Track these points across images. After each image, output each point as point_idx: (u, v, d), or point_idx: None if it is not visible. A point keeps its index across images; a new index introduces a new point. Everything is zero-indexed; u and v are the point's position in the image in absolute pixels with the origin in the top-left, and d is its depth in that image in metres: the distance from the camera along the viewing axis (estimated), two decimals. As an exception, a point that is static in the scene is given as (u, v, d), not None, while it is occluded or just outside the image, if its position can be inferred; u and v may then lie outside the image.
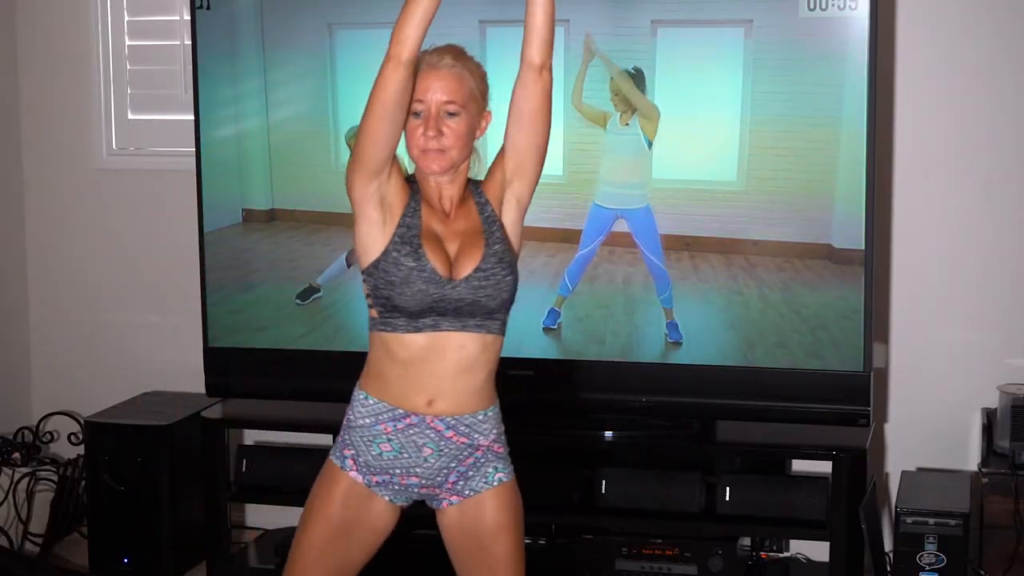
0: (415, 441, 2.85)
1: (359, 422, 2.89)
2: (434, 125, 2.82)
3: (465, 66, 2.92)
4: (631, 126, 4.22)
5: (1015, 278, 4.41)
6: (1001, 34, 4.34)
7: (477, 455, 2.87)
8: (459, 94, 2.85)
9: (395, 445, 2.86)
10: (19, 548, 4.50)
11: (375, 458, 2.86)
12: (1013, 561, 4.09)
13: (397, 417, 2.85)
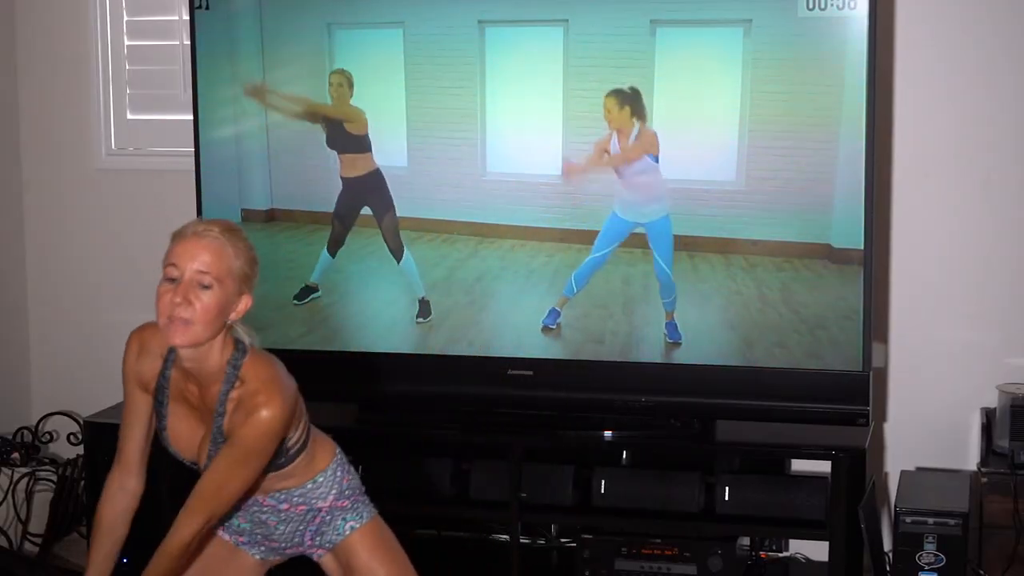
0: (259, 518, 3.00)
1: None
2: (183, 292, 2.74)
3: (232, 242, 2.80)
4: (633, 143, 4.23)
5: (1015, 278, 4.41)
6: (1001, 33, 4.34)
7: (323, 515, 2.98)
8: (216, 267, 2.75)
9: (248, 519, 3.02)
10: (18, 548, 4.50)
11: (236, 528, 3.04)
12: (1012, 561, 4.09)
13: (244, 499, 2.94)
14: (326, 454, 3.00)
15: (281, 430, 2.80)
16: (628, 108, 4.19)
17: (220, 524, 3.01)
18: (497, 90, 4.30)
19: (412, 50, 4.32)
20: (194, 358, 2.81)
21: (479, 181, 4.33)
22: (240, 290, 2.81)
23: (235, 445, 2.77)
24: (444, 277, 4.38)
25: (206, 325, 2.74)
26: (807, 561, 4.51)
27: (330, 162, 4.44)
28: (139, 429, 3.00)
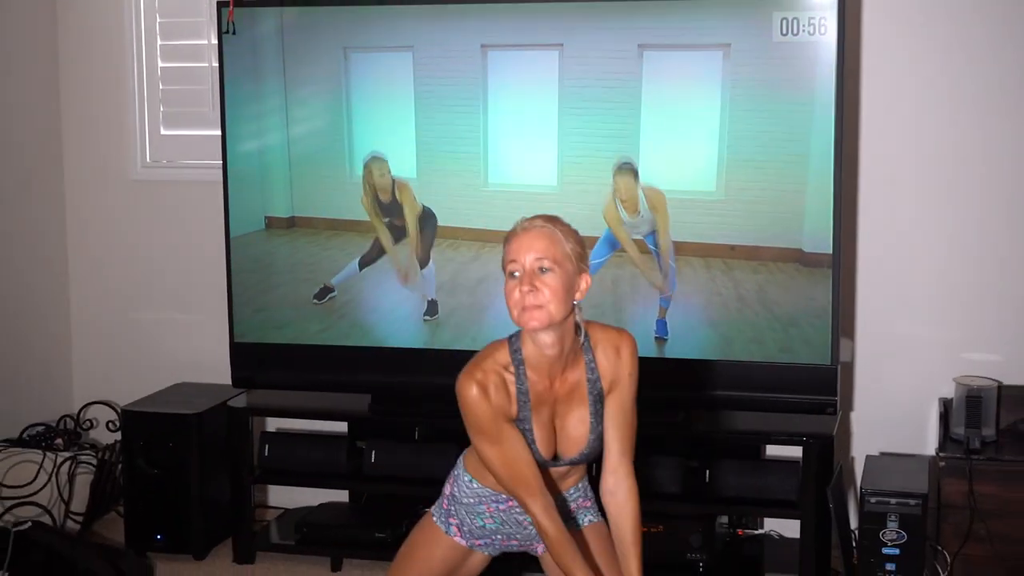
0: (516, 518, 2.92)
1: (464, 500, 2.95)
2: (528, 281, 2.69)
3: (556, 227, 2.76)
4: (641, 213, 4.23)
5: (970, 279, 4.41)
6: (959, 57, 4.34)
7: (566, 515, 2.92)
8: (551, 251, 2.71)
9: (496, 520, 2.94)
10: (61, 526, 4.50)
11: (478, 528, 2.95)
12: (967, 538, 4.09)
13: (500, 500, 2.91)
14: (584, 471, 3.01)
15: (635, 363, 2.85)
16: (631, 176, 4.19)
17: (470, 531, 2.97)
18: (498, 108, 4.31)
19: (420, 72, 4.32)
20: (554, 342, 2.75)
21: (481, 191, 4.33)
22: (579, 269, 2.75)
23: (623, 389, 2.83)
24: (449, 279, 4.38)
25: (557, 305, 2.69)
26: (780, 538, 4.51)
27: (347, 173, 4.44)
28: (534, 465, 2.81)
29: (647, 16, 4.18)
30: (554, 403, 2.83)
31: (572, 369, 2.82)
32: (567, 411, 2.85)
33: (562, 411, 2.85)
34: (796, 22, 4.02)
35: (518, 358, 2.78)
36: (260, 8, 4.49)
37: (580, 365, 2.82)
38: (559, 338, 2.75)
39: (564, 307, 2.70)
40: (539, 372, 2.79)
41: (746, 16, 4.08)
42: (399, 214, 4.40)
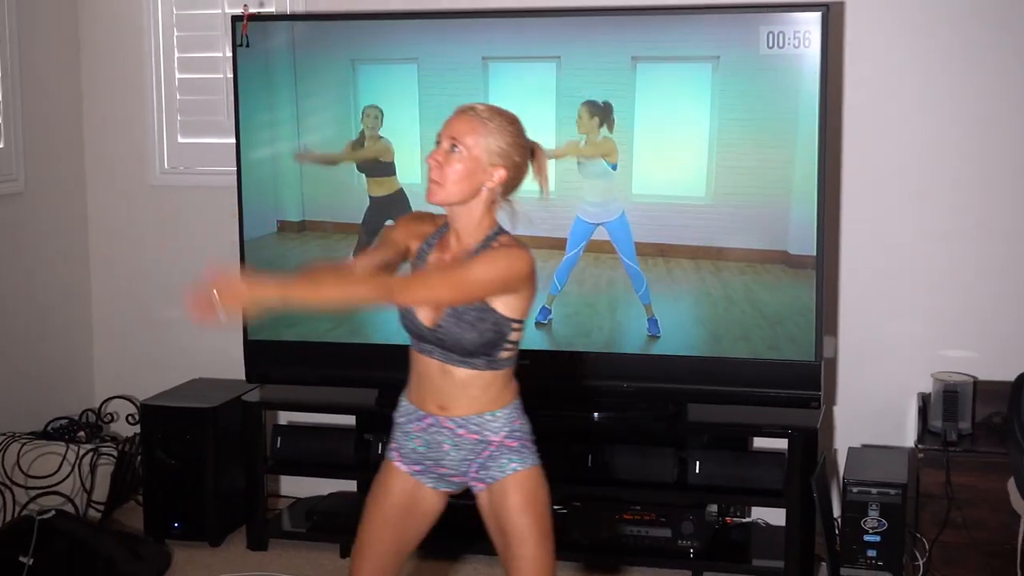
0: (435, 439, 2.85)
1: (398, 420, 2.92)
2: (434, 155, 2.72)
3: (491, 119, 2.74)
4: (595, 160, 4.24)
5: (947, 280, 4.42)
6: (935, 68, 4.35)
7: (492, 449, 2.83)
8: (468, 136, 2.71)
9: (424, 441, 2.87)
10: (83, 514, 4.51)
11: (412, 451, 2.89)
12: (945, 526, 4.10)
13: (420, 418, 2.87)
14: (510, 394, 2.85)
15: (512, 276, 2.69)
16: (597, 118, 4.21)
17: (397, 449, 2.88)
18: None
19: (425, 83, 4.33)
20: (453, 218, 2.77)
21: (483, 196, 4.34)
22: (493, 162, 2.72)
23: (472, 261, 2.69)
24: (452, 279, 4.39)
25: (453, 185, 2.69)
26: (767, 526, 4.51)
27: (355, 179, 4.46)
28: (378, 257, 2.84)
29: (640, 30, 4.19)
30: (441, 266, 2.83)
31: (460, 245, 2.79)
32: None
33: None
34: (782, 35, 4.03)
35: (445, 228, 2.84)
36: (272, 22, 4.52)
37: (476, 245, 2.78)
38: (459, 217, 2.76)
39: (459, 190, 2.71)
40: (447, 241, 2.82)
41: (734, 30, 4.09)
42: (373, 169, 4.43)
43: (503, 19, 4.32)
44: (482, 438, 2.82)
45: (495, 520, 2.85)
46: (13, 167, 4.79)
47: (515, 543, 2.82)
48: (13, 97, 4.75)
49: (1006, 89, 4.31)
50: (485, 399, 2.82)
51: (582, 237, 4.28)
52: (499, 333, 2.75)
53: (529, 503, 2.83)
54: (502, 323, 2.75)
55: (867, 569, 3.93)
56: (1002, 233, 4.37)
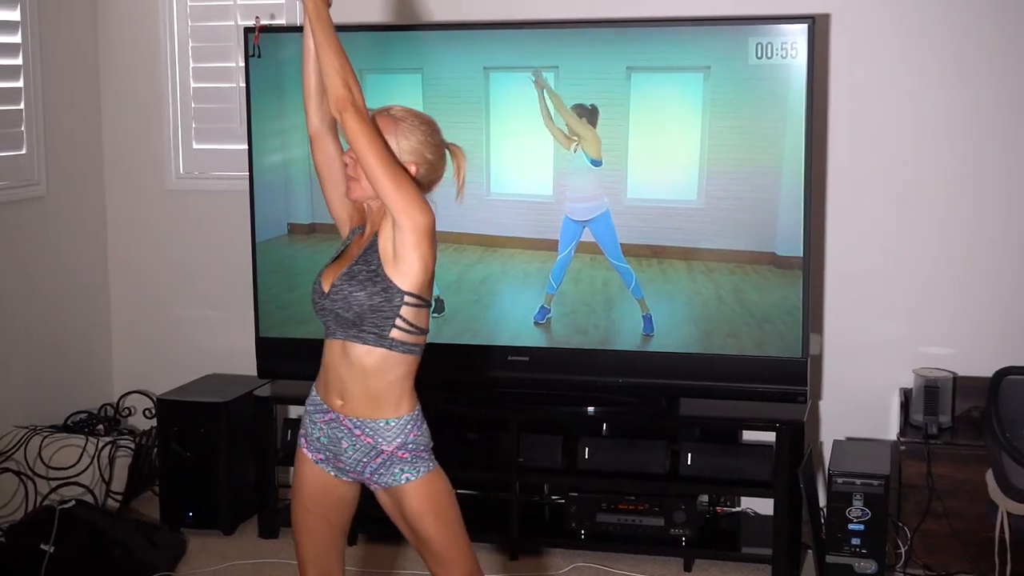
0: (336, 434, 2.82)
1: (308, 408, 2.91)
2: (348, 153, 2.75)
3: (404, 119, 2.78)
4: (577, 151, 4.23)
5: (927, 280, 4.42)
6: (916, 76, 4.36)
7: (383, 456, 2.79)
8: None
9: (327, 433, 2.84)
10: (102, 504, 4.51)
11: (316, 440, 2.87)
12: (926, 515, 4.10)
13: (324, 411, 2.85)
14: (407, 406, 2.80)
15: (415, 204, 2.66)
16: (584, 118, 4.21)
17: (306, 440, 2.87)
18: (499, 125, 4.32)
19: (429, 91, 4.33)
20: (370, 212, 2.81)
21: (484, 200, 4.34)
22: (404, 159, 2.74)
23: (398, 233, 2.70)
24: (455, 279, 4.39)
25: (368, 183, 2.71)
26: (755, 515, 4.51)
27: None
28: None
29: (635, 41, 4.19)
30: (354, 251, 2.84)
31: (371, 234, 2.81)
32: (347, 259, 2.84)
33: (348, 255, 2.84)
34: (770, 46, 4.03)
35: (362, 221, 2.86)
36: (283, 34, 4.51)
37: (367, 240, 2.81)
38: (375, 211, 2.78)
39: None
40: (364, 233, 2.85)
41: (724, 41, 4.09)
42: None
43: (503, 31, 4.32)
44: (375, 444, 2.78)
45: (399, 519, 2.86)
46: (35, 172, 4.79)
47: (423, 541, 2.83)
48: (35, 106, 4.75)
49: (984, 96, 4.31)
50: (381, 399, 2.78)
51: (572, 236, 4.28)
52: (388, 300, 2.71)
53: (427, 507, 2.81)
54: (392, 290, 2.70)
55: (851, 556, 3.92)
56: (980, 237, 4.37)
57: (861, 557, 3.92)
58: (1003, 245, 4.36)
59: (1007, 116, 4.30)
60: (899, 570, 4.15)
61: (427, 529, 2.80)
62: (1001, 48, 4.27)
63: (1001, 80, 4.29)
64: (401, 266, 2.71)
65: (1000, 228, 4.35)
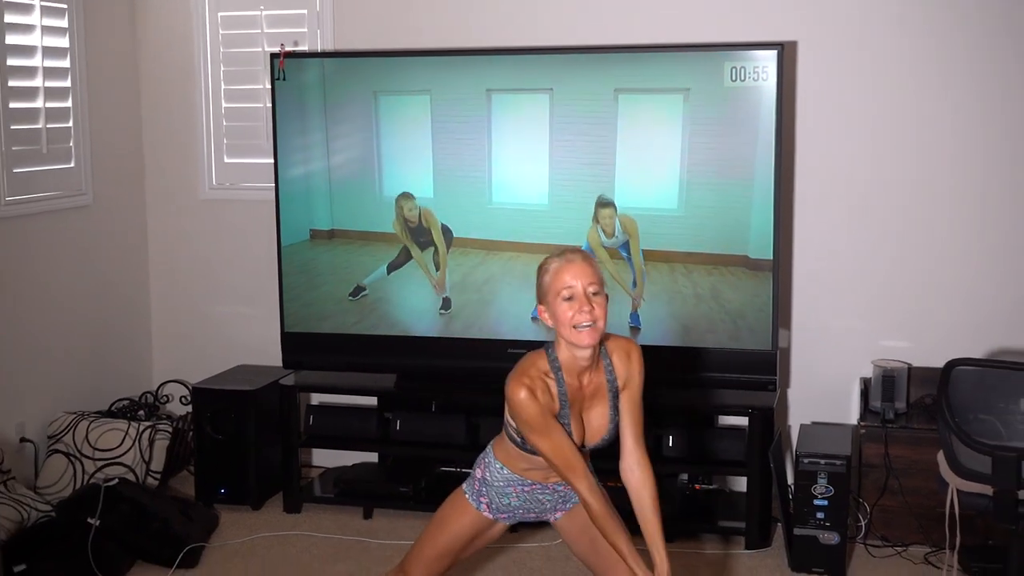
0: (538, 497, 2.93)
1: (495, 484, 2.94)
2: (586, 302, 2.66)
3: (589, 260, 2.75)
4: (616, 236, 4.23)
5: (885, 280, 4.43)
6: (874, 101, 4.36)
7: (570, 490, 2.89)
8: (598, 278, 2.71)
9: (521, 499, 2.93)
10: (143, 482, 4.51)
11: (504, 505, 2.94)
12: (883, 491, 4.11)
13: (525, 483, 2.91)
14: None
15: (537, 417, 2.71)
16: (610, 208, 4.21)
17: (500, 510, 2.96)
18: (500, 141, 4.32)
19: (437, 111, 4.33)
20: (591, 353, 2.75)
21: (486, 208, 4.34)
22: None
23: (634, 386, 2.79)
24: (460, 280, 4.39)
25: (604, 324, 2.70)
26: (730, 492, 4.51)
27: (376, 193, 4.45)
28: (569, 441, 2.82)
29: (622, 65, 4.19)
30: (583, 401, 2.83)
31: (595, 372, 2.80)
32: (591, 406, 2.85)
33: (588, 407, 2.85)
34: (743, 70, 4.03)
35: (556, 365, 2.78)
36: (306, 59, 4.52)
37: (601, 368, 2.81)
38: (591, 351, 2.75)
39: (606, 325, 2.72)
40: (572, 376, 2.79)
41: (702, 65, 4.09)
42: (427, 235, 4.41)
43: (504, 56, 4.32)
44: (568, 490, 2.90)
45: (578, 531, 2.93)
46: (83, 184, 4.79)
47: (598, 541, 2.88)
48: (82, 124, 4.75)
49: (933, 114, 4.32)
50: None
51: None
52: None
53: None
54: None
55: (817, 529, 3.92)
56: (932, 242, 4.38)
57: (825, 529, 3.92)
58: (953, 249, 4.36)
59: (954, 132, 4.30)
60: (859, 541, 4.15)
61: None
62: (947, 71, 4.28)
63: (948, 100, 4.29)
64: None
65: (950, 234, 4.35)
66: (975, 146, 4.30)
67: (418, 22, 4.69)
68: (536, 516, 3.00)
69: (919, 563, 4.01)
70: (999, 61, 4.23)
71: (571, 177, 4.26)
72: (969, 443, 3.35)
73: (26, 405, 4.53)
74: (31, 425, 4.55)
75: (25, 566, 3.84)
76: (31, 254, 4.55)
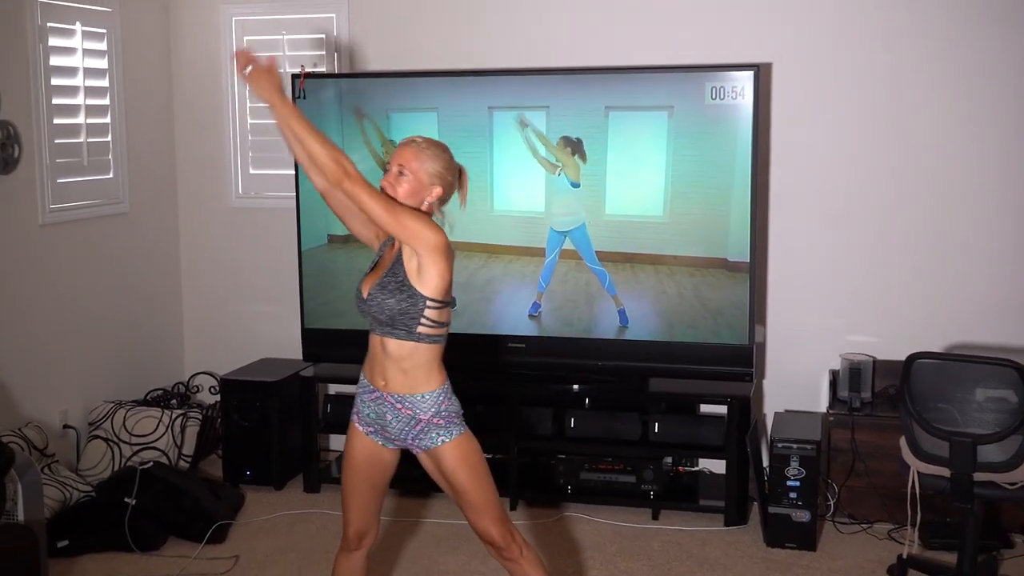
0: (380, 409, 2.84)
1: (358, 390, 2.91)
2: (386, 178, 2.74)
3: (429, 148, 2.76)
4: (560, 175, 4.23)
5: (852, 281, 4.43)
6: (841, 116, 4.36)
7: (422, 425, 2.80)
8: (412, 162, 2.73)
9: (374, 409, 2.85)
10: (175, 465, 4.52)
11: (366, 416, 2.88)
12: (850, 473, 4.11)
13: (371, 391, 2.85)
14: (436, 382, 2.79)
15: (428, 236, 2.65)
16: (569, 148, 4.21)
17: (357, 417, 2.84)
18: (501, 154, 4.32)
19: (444, 126, 4.33)
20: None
21: (488, 215, 4.34)
22: (431, 182, 2.75)
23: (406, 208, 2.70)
24: (464, 281, 4.39)
25: (403, 201, 2.70)
26: (711, 474, 4.51)
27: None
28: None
29: (612, 85, 4.19)
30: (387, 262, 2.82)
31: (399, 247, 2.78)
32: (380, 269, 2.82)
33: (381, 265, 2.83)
34: (723, 89, 4.04)
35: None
36: (324, 79, 4.52)
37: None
38: None
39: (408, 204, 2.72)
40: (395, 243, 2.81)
41: (685, 85, 4.09)
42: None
43: (504, 76, 4.33)
44: (414, 415, 2.80)
45: (438, 476, 2.87)
46: (120, 193, 4.80)
47: (459, 493, 2.84)
48: (120, 138, 4.75)
49: (896, 128, 4.32)
50: (415, 378, 2.78)
51: (556, 244, 4.28)
52: (413, 304, 2.72)
53: (461, 463, 2.82)
54: (417, 297, 2.72)
55: (789, 508, 3.92)
56: (896, 246, 4.38)
57: (797, 508, 3.92)
58: (914, 254, 4.36)
59: (912, 146, 4.31)
60: (828, 519, 4.15)
61: (462, 482, 2.81)
62: (906, 88, 4.28)
63: (907, 116, 4.30)
64: (423, 278, 2.72)
65: (911, 240, 4.36)
66: (934, 159, 4.30)
67: (426, 46, 4.69)
68: (395, 439, 2.84)
69: (883, 539, 4.01)
70: (958, 75, 4.23)
71: (566, 187, 4.26)
72: (929, 429, 3.35)
73: (69, 394, 4.54)
74: (73, 413, 4.56)
75: (68, 541, 3.85)
76: (74, 257, 4.55)
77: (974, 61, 4.20)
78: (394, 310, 2.73)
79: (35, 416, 4.30)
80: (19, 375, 4.25)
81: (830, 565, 3.81)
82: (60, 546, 3.81)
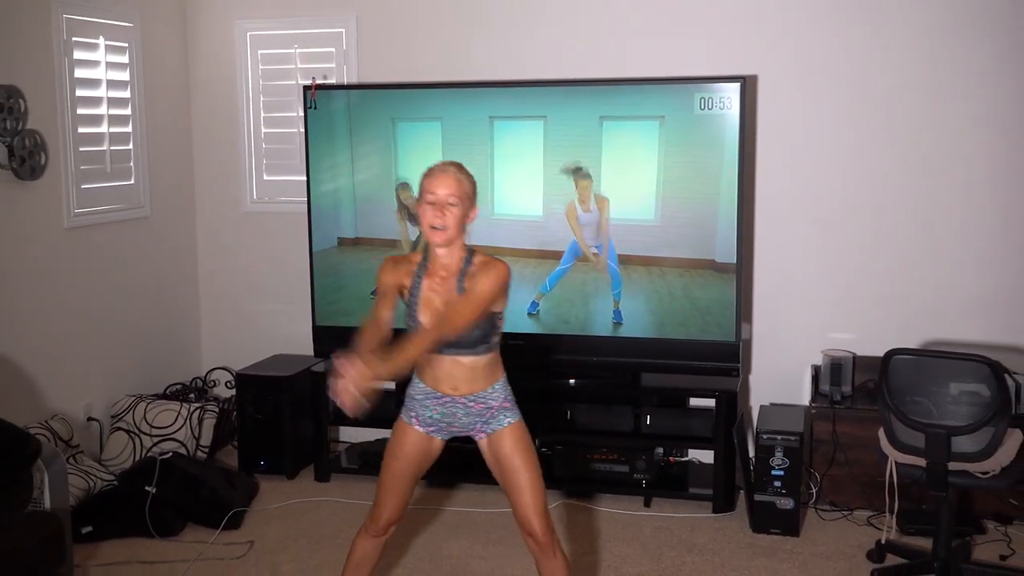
0: (451, 410, 2.86)
1: (416, 396, 2.90)
2: (437, 213, 2.72)
3: (462, 173, 2.78)
4: (592, 211, 4.22)
5: (834, 281, 4.43)
6: (821, 127, 4.36)
7: (493, 411, 2.85)
8: (458, 190, 2.74)
9: (441, 412, 2.87)
10: (193, 455, 4.51)
11: (428, 418, 2.88)
12: (832, 463, 4.10)
13: (437, 396, 2.86)
14: (501, 371, 2.87)
15: (503, 285, 2.72)
16: (576, 175, 4.20)
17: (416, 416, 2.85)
18: (501, 161, 4.32)
19: (447, 135, 4.33)
20: (442, 252, 2.77)
21: (489, 219, 4.33)
22: (472, 205, 2.77)
23: (472, 292, 2.71)
24: (467, 281, 4.38)
25: (454, 229, 2.72)
26: (700, 464, 4.51)
27: (395, 207, 4.45)
28: (389, 306, 2.80)
29: (606, 96, 4.19)
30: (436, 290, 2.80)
31: (454, 269, 2.79)
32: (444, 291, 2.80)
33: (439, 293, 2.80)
34: (711, 100, 4.03)
35: (426, 255, 2.82)
36: (334, 91, 4.51)
37: (459, 266, 2.79)
38: (448, 250, 2.77)
39: (459, 231, 2.74)
40: (434, 267, 2.80)
41: (675, 96, 4.09)
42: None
43: (504, 88, 4.32)
44: (486, 406, 2.85)
45: (495, 459, 2.86)
46: (141, 198, 4.79)
47: (514, 473, 2.83)
48: (141, 146, 4.75)
49: (874, 137, 4.31)
50: (484, 378, 2.84)
51: (572, 257, 4.27)
52: (492, 325, 2.81)
53: (520, 444, 2.84)
54: (493, 317, 2.80)
55: (774, 496, 3.92)
56: (876, 248, 4.38)
57: (782, 496, 3.91)
58: (892, 255, 4.35)
59: (893, 154, 4.30)
60: (811, 506, 4.15)
61: (519, 463, 2.81)
62: (889, 97, 4.28)
63: (888, 122, 4.29)
64: (499, 300, 2.79)
65: (890, 241, 4.35)
66: (911, 167, 4.29)
67: (430, 59, 4.69)
68: (460, 431, 2.89)
69: (862, 525, 4.01)
70: (936, 82, 4.23)
71: (562, 193, 4.25)
72: (905, 421, 3.34)
73: (92, 389, 4.53)
74: (97, 406, 4.55)
75: (91, 528, 3.84)
76: (97, 258, 4.54)
77: (954, 69, 4.20)
78: (479, 337, 2.79)
79: (61, 409, 4.30)
80: (45, 370, 4.24)
81: (812, 550, 3.81)
82: (84, 532, 3.81)
